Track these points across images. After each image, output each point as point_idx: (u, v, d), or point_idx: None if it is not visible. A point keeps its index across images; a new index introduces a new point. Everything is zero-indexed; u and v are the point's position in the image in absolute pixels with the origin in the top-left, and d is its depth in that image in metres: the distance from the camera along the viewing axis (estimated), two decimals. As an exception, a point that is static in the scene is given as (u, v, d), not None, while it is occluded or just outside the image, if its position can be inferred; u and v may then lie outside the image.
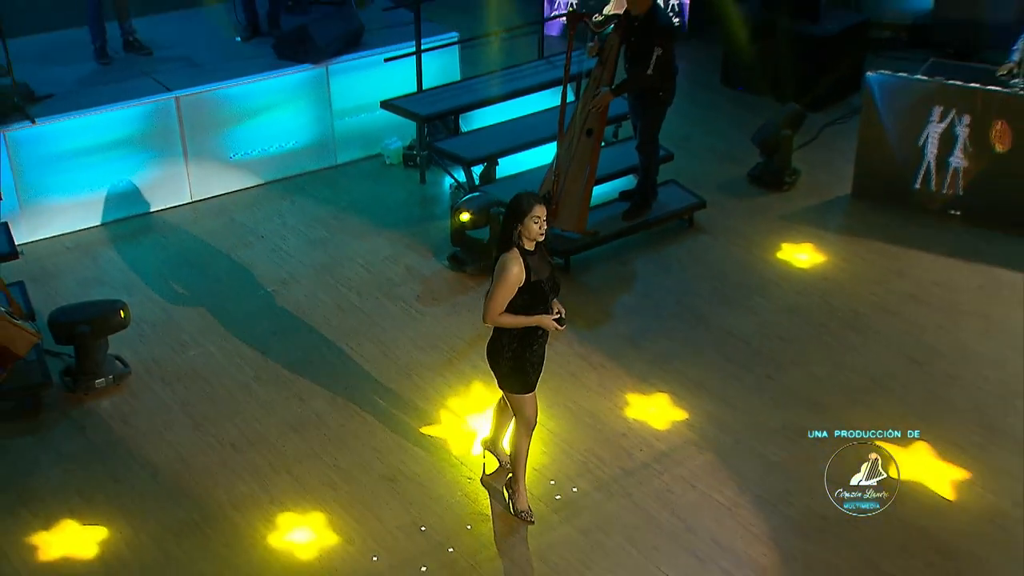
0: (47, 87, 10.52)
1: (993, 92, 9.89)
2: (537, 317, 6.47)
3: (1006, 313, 9.21)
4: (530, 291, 6.41)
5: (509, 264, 6.34)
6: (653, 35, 9.34)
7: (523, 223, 6.30)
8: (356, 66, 11.31)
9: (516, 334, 6.57)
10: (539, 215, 6.29)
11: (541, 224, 6.33)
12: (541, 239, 6.41)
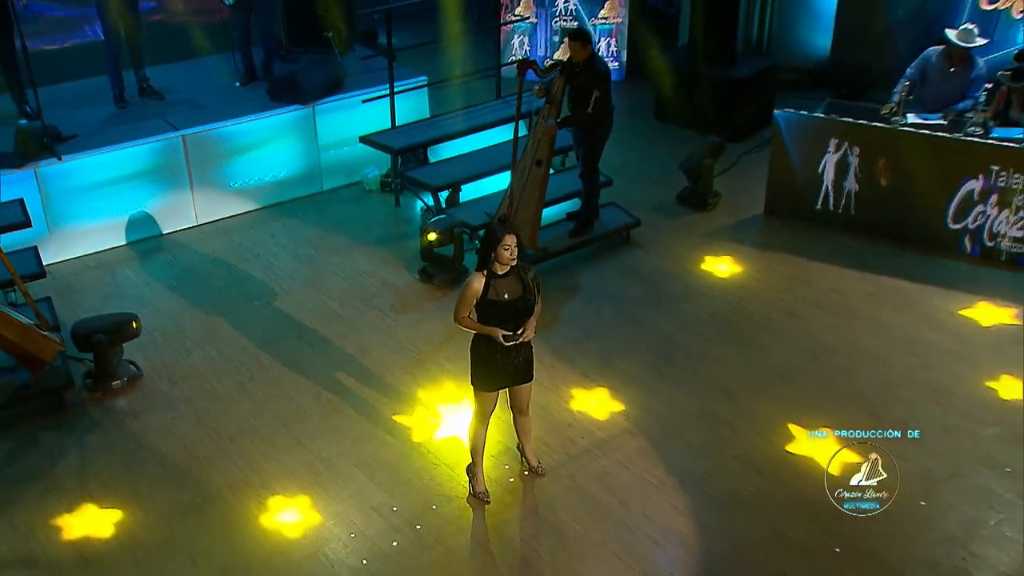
0: (72, 128, 10.47)
1: (877, 128, 9.95)
2: (489, 328, 6.53)
3: (890, 316, 9.25)
4: (485, 307, 6.52)
5: (470, 281, 6.53)
6: (592, 79, 9.35)
7: (496, 250, 6.39)
8: (338, 106, 11.30)
9: (483, 338, 6.66)
10: (509, 243, 6.39)
11: (512, 251, 6.41)
12: (513, 263, 6.47)
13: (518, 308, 6.57)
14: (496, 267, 6.46)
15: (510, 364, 6.73)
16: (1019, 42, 11.21)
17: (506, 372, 6.77)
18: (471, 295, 6.49)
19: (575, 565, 6.76)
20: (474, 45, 12.27)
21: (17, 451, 7.88)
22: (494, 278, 6.49)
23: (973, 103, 9.99)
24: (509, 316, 6.56)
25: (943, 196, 9.85)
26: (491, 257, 6.44)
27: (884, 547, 6.90)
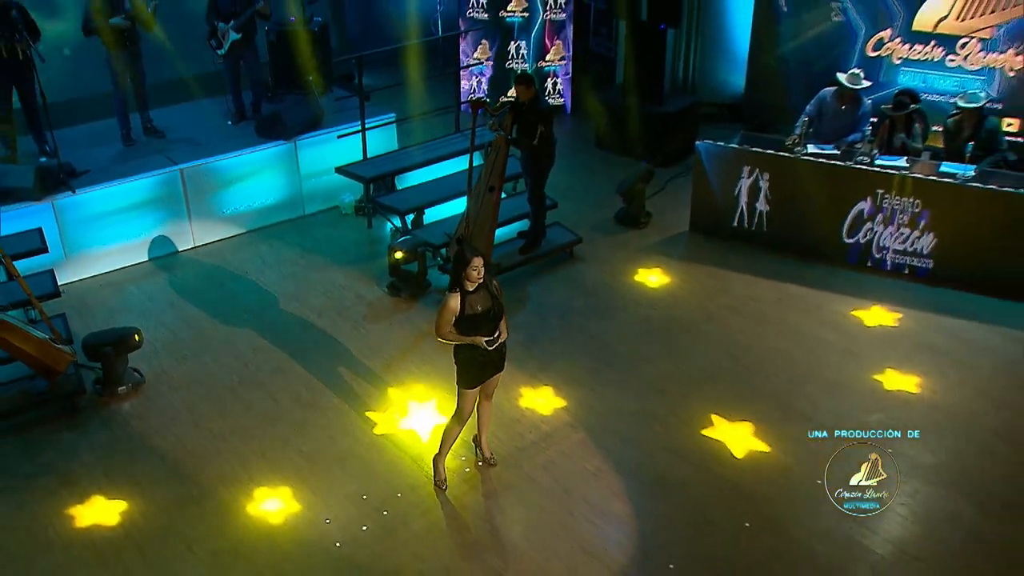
0: (85, 165, 10.36)
1: (783, 157, 10.00)
2: (472, 337, 6.58)
3: (796, 319, 9.27)
4: (466, 321, 6.55)
5: (447, 302, 6.54)
6: (537, 116, 9.34)
7: (465, 271, 6.42)
8: (317, 141, 11.21)
9: (465, 344, 6.69)
10: (476, 264, 6.44)
11: (479, 270, 6.46)
12: (480, 281, 6.51)
13: (490, 316, 6.62)
14: (467, 285, 6.49)
15: (490, 361, 6.81)
16: (899, 83, 11.22)
17: (488, 367, 6.84)
18: (450, 313, 6.51)
19: (522, 544, 6.75)
20: (437, 86, 12.21)
21: (35, 449, 7.77)
22: (467, 295, 6.51)
23: (862, 136, 10.11)
24: (484, 324, 6.60)
25: (838, 215, 9.88)
26: (462, 277, 6.46)
27: (787, 521, 6.95)
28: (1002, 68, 10.96)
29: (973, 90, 10.37)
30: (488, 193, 9.38)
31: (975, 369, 8.48)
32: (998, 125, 9.98)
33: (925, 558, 6.63)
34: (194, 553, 6.74)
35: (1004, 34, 10.85)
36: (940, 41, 11.20)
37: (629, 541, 6.79)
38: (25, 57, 9.90)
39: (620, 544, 6.75)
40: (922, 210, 9.48)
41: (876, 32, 11.52)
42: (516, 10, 13.37)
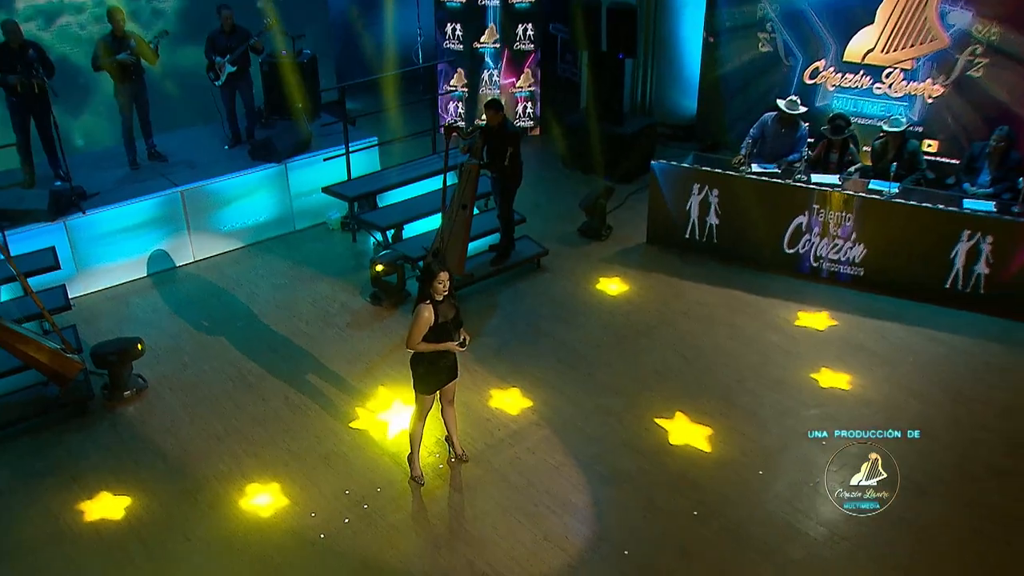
0: (94, 187, 10.30)
1: (729, 175, 10.05)
2: (445, 344, 6.59)
3: (742, 322, 9.29)
4: (438, 329, 6.55)
5: (422, 312, 6.51)
6: (505, 140, 9.37)
7: (432, 284, 6.43)
8: (306, 163, 11.17)
9: (424, 354, 6.68)
10: (443, 279, 6.47)
11: (445, 284, 6.48)
12: (446, 293, 6.52)
13: (457, 324, 6.67)
14: (435, 296, 6.50)
15: (445, 368, 6.80)
16: (834, 108, 11.30)
17: (442, 375, 6.83)
18: (425, 323, 6.50)
19: (490, 533, 6.78)
20: (417, 110, 12.17)
21: (48, 450, 7.75)
22: (437, 305, 6.51)
23: (799, 156, 10.16)
24: (450, 331, 6.62)
25: (779, 227, 9.93)
26: (430, 289, 6.48)
27: (730, 508, 7.01)
28: (922, 95, 11.06)
29: (896, 115, 10.49)
30: (461, 210, 9.36)
31: (897, 366, 8.56)
32: (918, 147, 10.06)
33: (851, 537, 6.71)
34: (191, 544, 6.75)
35: (923, 65, 10.94)
36: (868, 71, 11.28)
37: (587, 529, 6.82)
38: (41, 91, 9.87)
39: (579, 532, 6.78)
40: (853, 223, 9.54)
41: (812, 62, 11.56)
42: (488, 41, 13.35)
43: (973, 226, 9.00)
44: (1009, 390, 8.22)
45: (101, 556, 6.68)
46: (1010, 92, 10.44)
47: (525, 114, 13.86)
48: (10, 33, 9.74)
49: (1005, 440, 7.58)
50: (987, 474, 7.27)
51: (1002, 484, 7.18)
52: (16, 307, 8.61)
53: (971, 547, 6.65)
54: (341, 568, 6.53)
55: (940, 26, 10.70)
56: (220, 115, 11.39)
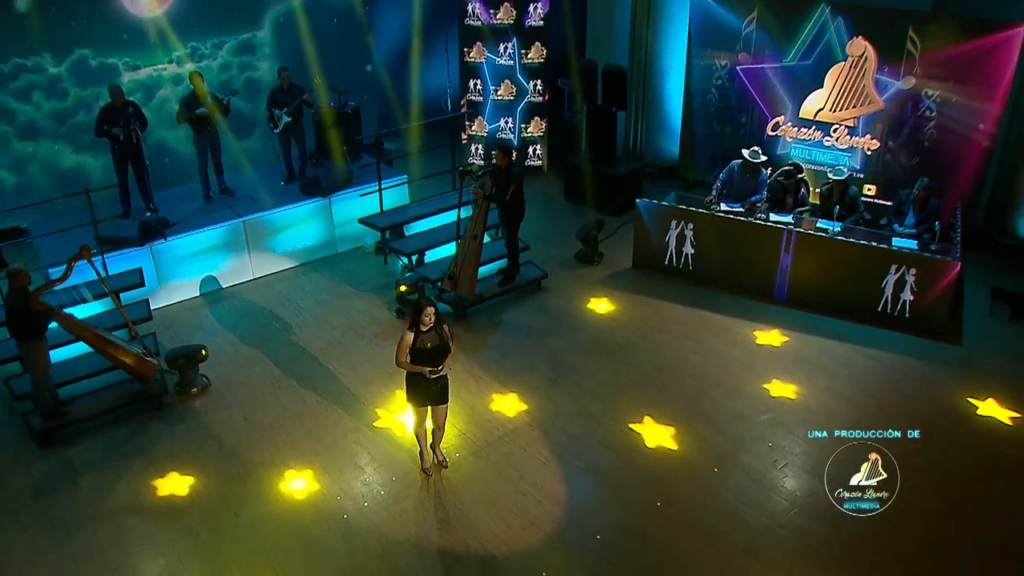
0: (175, 217, 10.47)
1: (702, 212, 10.07)
2: (418, 367, 6.63)
3: (708, 338, 9.28)
4: (415, 352, 6.61)
5: (404, 336, 6.61)
6: (511, 179, 9.44)
7: (419, 316, 6.49)
8: (347, 197, 11.26)
9: (408, 372, 6.75)
10: (428, 312, 6.52)
11: (430, 317, 6.53)
12: (431, 324, 6.56)
13: (437, 352, 6.67)
14: (421, 326, 6.55)
15: (429, 390, 6.81)
16: (791, 156, 11.31)
17: (427, 395, 6.84)
18: (405, 346, 6.60)
19: (484, 518, 6.88)
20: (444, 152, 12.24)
21: (131, 436, 7.96)
22: (420, 333, 6.57)
23: (761, 197, 10.16)
24: (431, 357, 6.65)
25: (743, 256, 9.95)
26: (417, 320, 6.54)
27: (687, 500, 7.07)
28: (863, 147, 11.01)
29: (841, 165, 10.48)
30: (473, 240, 9.46)
31: (836, 378, 8.56)
32: (858, 193, 10.07)
33: (787, 526, 6.78)
34: (239, 519, 6.94)
35: (863, 123, 10.90)
36: (819, 126, 11.24)
37: (567, 516, 6.90)
38: (137, 141, 10.11)
39: (559, 518, 6.87)
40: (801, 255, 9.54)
41: (774, 117, 11.54)
42: (505, 94, 13.43)
43: (900, 261, 9.02)
44: (923, 397, 8.22)
45: (168, 525, 6.90)
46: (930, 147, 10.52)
47: (535, 155, 13.89)
48: (115, 95, 10.07)
49: (914, 440, 7.42)
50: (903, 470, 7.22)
51: (911, 476, 7.14)
52: (108, 318, 8.79)
53: (887, 535, 6.66)
54: (360, 543, 6.66)
55: (875, 92, 10.67)
56: (277, 157, 11.55)
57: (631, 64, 12.73)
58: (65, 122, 11.44)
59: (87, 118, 11.26)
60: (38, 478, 7.45)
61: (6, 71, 10.92)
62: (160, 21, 11.51)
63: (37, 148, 11.36)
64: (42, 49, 10.98)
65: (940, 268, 8.89)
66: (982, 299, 9.82)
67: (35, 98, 11.17)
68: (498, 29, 12.91)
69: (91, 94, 11.38)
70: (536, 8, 12.84)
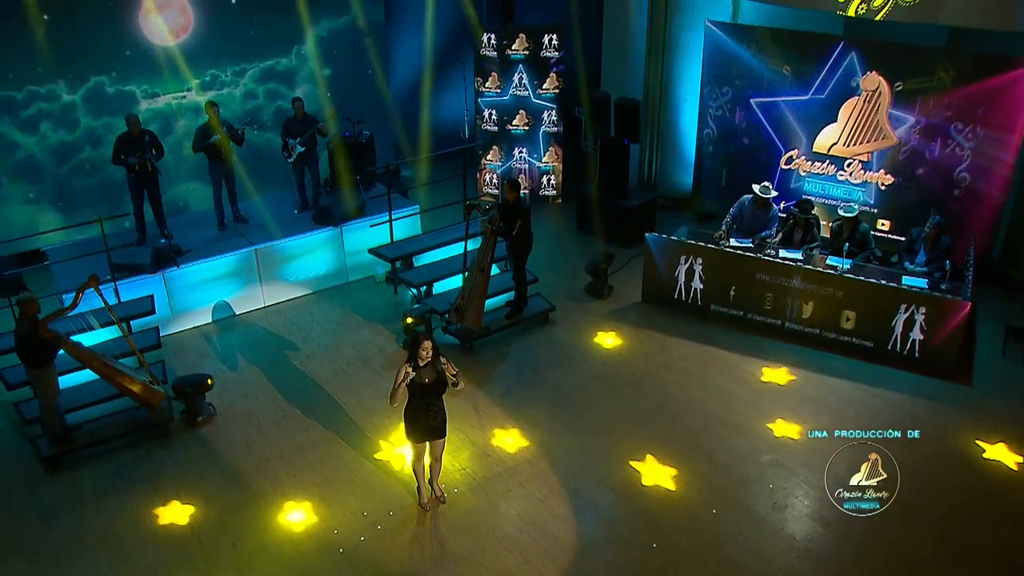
0: (189, 244, 10.70)
1: (711, 248, 10.13)
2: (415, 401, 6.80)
3: (713, 375, 9.29)
4: (412, 386, 6.74)
5: (401, 370, 6.71)
6: (518, 213, 9.57)
7: (416, 351, 6.61)
8: (359, 226, 11.42)
9: (409, 407, 6.87)
10: (426, 347, 6.64)
11: (428, 351, 6.64)
12: (429, 359, 6.67)
13: (435, 387, 6.80)
14: (419, 360, 6.67)
15: (427, 425, 6.93)
16: (805, 190, 11.38)
17: (425, 430, 6.95)
18: (401, 379, 6.71)
19: (479, 555, 6.95)
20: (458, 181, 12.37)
21: (136, 463, 8.13)
22: (418, 368, 6.68)
23: (770, 233, 10.19)
24: (428, 392, 6.77)
25: (752, 292, 9.97)
26: (416, 354, 6.67)
27: (684, 541, 7.09)
28: (877, 182, 11.05)
29: (852, 202, 10.52)
30: (480, 273, 9.57)
31: (842, 418, 8.52)
32: (868, 230, 10.07)
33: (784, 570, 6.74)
34: (237, 549, 7.05)
35: (876, 158, 10.94)
36: (833, 160, 11.30)
37: (561, 555, 6.94)
38: (153, 170, 10.42)
39: (554, 558, 6.91)
40: (811, 291, 9.58)
41: (788, 151, 11.61)
42: (519, 124, 13.62)
43: (909, 300, 9.03)
44: (930, 439, 8.14)
45: (167, 553, 7.03)
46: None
47: (549, 185, 14.02)
48: (131, 124, 10.37)
49: (920, 482, 7.57)
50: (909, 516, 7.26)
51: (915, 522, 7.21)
52: (116, 345, 9.00)
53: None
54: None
55: (890, 127, 10.72)
56: (291, 185, 11.78)
57: (646, 95, 12.88)
58: (66, 160, 11.61)
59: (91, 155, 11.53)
60: (44, 502, 7.66)
61: (19, 98, 11.15)
62: (179, 48, 11.77)
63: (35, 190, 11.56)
64: (57, 76, 11.25)
65: (950, 308, 8.89)
66: (996, 338, 9.77)
67: (42, 128, 11.38)
68: (513, 60, 13.12)
69: (103, 124, 11.64)
70: (551, 39, 13.04)
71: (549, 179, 14.05)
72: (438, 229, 11.63)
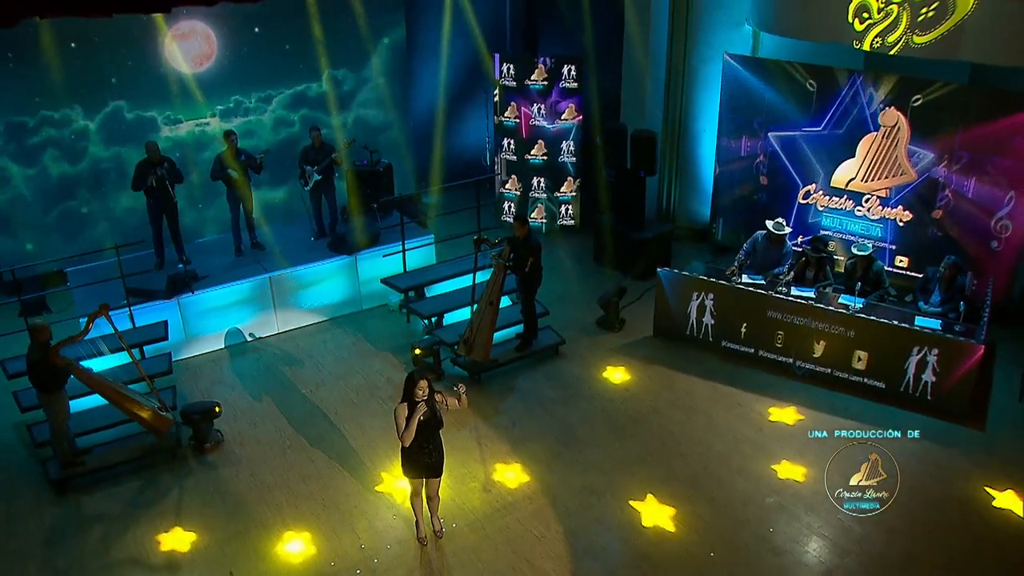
0: (204, 271, 10.95)
1: (722, 284, 10.18)
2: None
3: (719, 413, 9.30)
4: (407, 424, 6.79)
5: (397, 410, 6.84)
6: (528, 249, 9.70)
7: (412, 389, 6.73)
8: (373, 255, 11.60)
9: (402, 448, 6.94)
10: (422, 386, 6.75)
11: (424, 390, 6.75)
12: (424, 398, 6.77)
13: (428, 425, 6.88)
14: (414, 398, 6.79)
15: (423, 463, 7.03)
16: (822, 224, 11.43)
17: (421, 468, 7.06)
18: (399, 417, 6.83)
19: (473, 591, 7.02)
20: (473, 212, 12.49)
21: (143, 488, 8.35)
22: (413, 405, 6.79)
23: (783, 270, 10.20)
24: (423, 429, 6.87)
25: (763, 329, 9.99)
26: (411, 392, 6.79)
27: (680, 586, 7.08)
28: (895, 219, 11.02)
29: (866, 240, 10.52)
30: (489, 306, 9.70)
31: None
32: (883, 268, 10.05)
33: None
34: (234, 580, 7.19)
35: (895, 194, 10.92)
36: (851, 196, 11.30)
37: (554, 594, 6.99)
38: (171, 196, 10.75)
39: (547, 597, 6.97)
40: (822, 330, 9.57)
41: (806, 185, 11.63)
42: (537, 154, 13.77)
43: (922, 341, 8.99)
44: (937, 484, 8.14)
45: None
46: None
47: (567, 215, 14.12)
48: (150, 151, 10.69)
49: (924, 528, 7.54)
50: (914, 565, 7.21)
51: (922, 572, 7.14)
52: (126, 371, 9.21)
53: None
54: (349, 613, 6.87)
55: (909, 163, 10.71)
56: (308, 213, 12.01)
57: (664, 127, 12.96)
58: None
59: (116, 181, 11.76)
60: (50, 525, 7.89)
61: (31, 124, 11.34)
62: (202, 76, 12.05)
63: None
64: (73, 102, 11.44)
65: (963, 350, 8.84)
66: (1014, 380, 9.66)
67: (44, 159, 11.54)
68: (532, 90, 13.29)
69: (112, 154, 11.83)
70: (570, 70, 13.20)
71: (567, 209, 14.14)
72: (451, 260, 11.79)
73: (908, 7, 9.56)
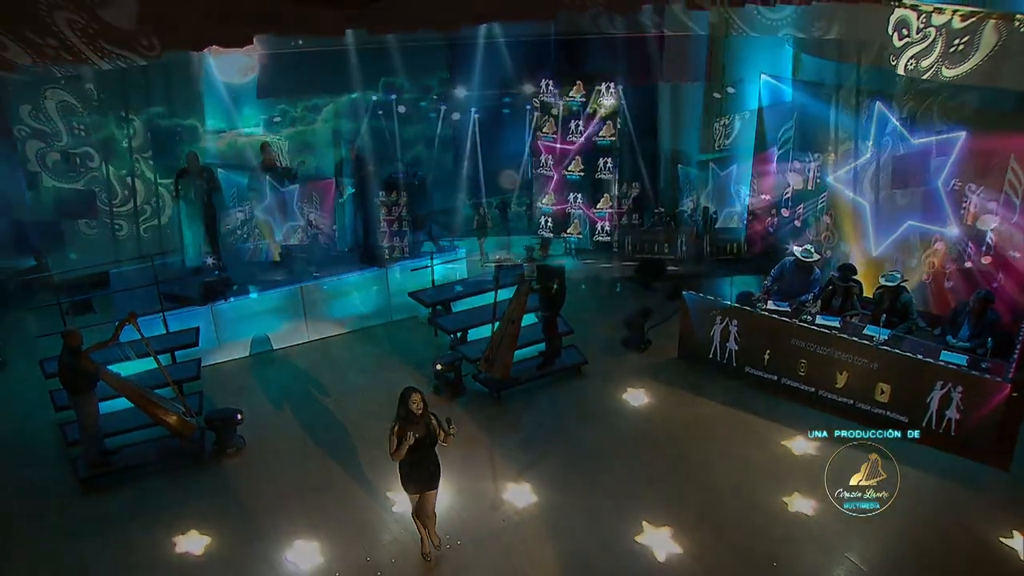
0: (238, 279, 11.34)
1: (746, 310, 10.20)
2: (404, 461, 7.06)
3: (738, 442, 9.28)
4: (402, 440, 6.97)
5: (394, 428, 7.03)
6: (554, 272, 10.03)
7: (407, 405, 6.92)
8: (403, 268, 11.91)
9: (403, 461, 7.12)
10: (415, 400, 6.93)
11: (417, 404, 6.94)
12: (419, 412, 6.96)
13: (423, 442, 7.05)
14: (409, 413, 6.96)
15: (419, 477, 7.21)
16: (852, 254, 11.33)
17: (418, 482, 7.23)
18: (395, 439, 7.02)
19: (472, 608, 7.16)
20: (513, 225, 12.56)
21: (165, 490, 8.70)
22: (407, 423, 6.97)
23: (809, 298, 10.16)
24: (418, 447, 7.04)
25: (786, 357, 9.97)
26: (405, 407, 6.96)
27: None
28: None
29: (895, 270, 10.36)
30: (510, 324, 9.85)
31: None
32: (911, 299, 9.93)
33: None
34: (243, 584, 7.47)
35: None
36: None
37: (550, 616, 7.11)
38: (209, 201, 11.16)
39: (543, 622, 7.09)
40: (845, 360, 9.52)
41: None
42: (575, 170, 13.89)
43: (946, 377, 8.88)
44: (956, 526, 8.03)
45: (180, 581, 7.49)
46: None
47: (602, 231, 14.20)
48: (190, 161, 11.11)
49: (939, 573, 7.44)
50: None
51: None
52: (153, 377, 9.53)
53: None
54: (349, 624, 7.08)
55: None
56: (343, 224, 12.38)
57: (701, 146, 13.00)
58: None
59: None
60: (75, 523, 8.28)
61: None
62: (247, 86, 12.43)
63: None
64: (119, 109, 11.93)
65: (988, 388, 8.70)
66: (1048, 421, 9.45)
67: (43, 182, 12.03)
68: (570, 107, 13.43)
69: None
70: (609, 88, 13.31)
71: (603, 225, 14.22)
72: (480, 277, 12.00)
73: (945, 33, 9.48)
